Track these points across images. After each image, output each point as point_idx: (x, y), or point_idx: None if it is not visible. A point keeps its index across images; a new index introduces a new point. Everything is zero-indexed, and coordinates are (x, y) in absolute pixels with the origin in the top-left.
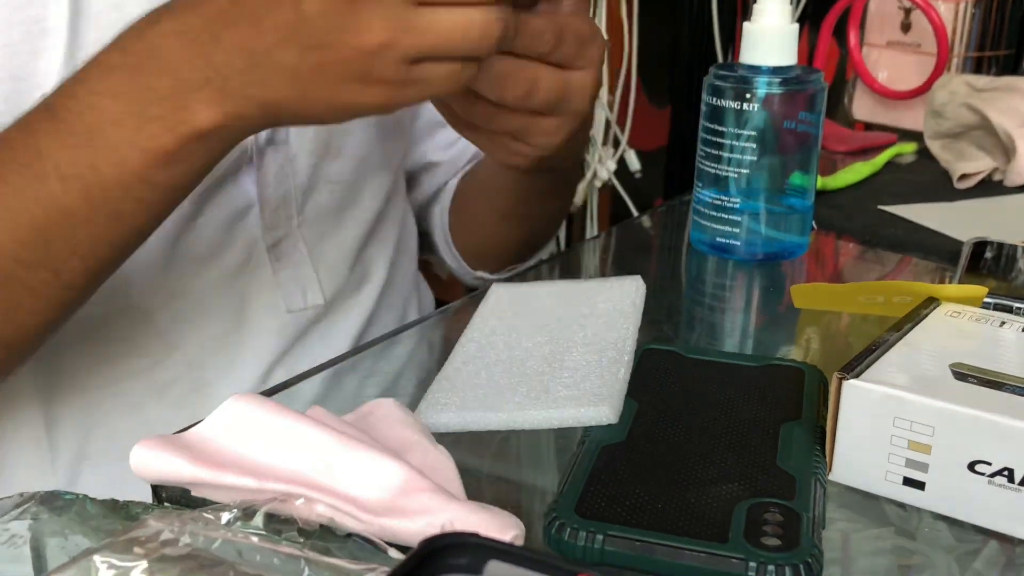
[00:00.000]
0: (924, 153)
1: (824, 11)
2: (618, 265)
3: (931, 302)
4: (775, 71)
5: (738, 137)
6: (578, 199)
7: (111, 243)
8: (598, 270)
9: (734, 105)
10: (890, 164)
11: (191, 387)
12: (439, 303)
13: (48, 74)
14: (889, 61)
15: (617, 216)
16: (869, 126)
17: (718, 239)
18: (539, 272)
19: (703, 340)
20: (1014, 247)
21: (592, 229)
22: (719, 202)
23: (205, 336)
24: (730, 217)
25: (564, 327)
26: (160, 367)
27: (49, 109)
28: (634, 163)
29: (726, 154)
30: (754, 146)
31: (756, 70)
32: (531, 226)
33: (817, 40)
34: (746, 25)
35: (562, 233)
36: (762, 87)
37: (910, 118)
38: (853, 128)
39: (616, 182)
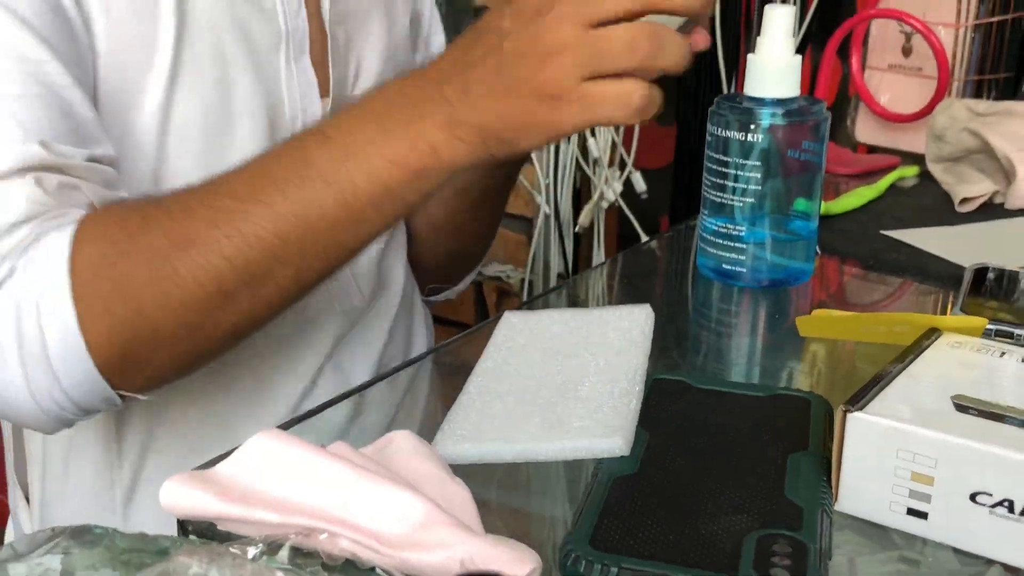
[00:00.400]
0: (926, 176)
1: (828, 30)
2: (626, 291)
3: (933, 332)
4: (779, 103)
5: (743, 167)
6: (584, 221)
7: (345, 248)
8: (606, 297)
9: (739, 136)
10: (893, 187)
11: (254, 382)
12: (443, 321)
13: (154, 90)
14: (891, 84)
15: (624, 237)
16: (872, 148)
17: (724, 266)
18: (547, 300)
19: (712, 367)
20: (1015, 272)
21: (599, 250)
22: (725, 229)
23: (268, 334)
24: (735, 244)
25: (576, 356)
26: (226, 362)
27: (319, 131)
28: (640, 184)
29: (731, 183)
30: (758, 176)
31: (760, 102)
32: (460, 242)
33: (820, 62)
34: (750, 57)
35: (569, 255)
36: (766, 119)
37: (912, 141)
38: (856, 150)
39: (623, 203)
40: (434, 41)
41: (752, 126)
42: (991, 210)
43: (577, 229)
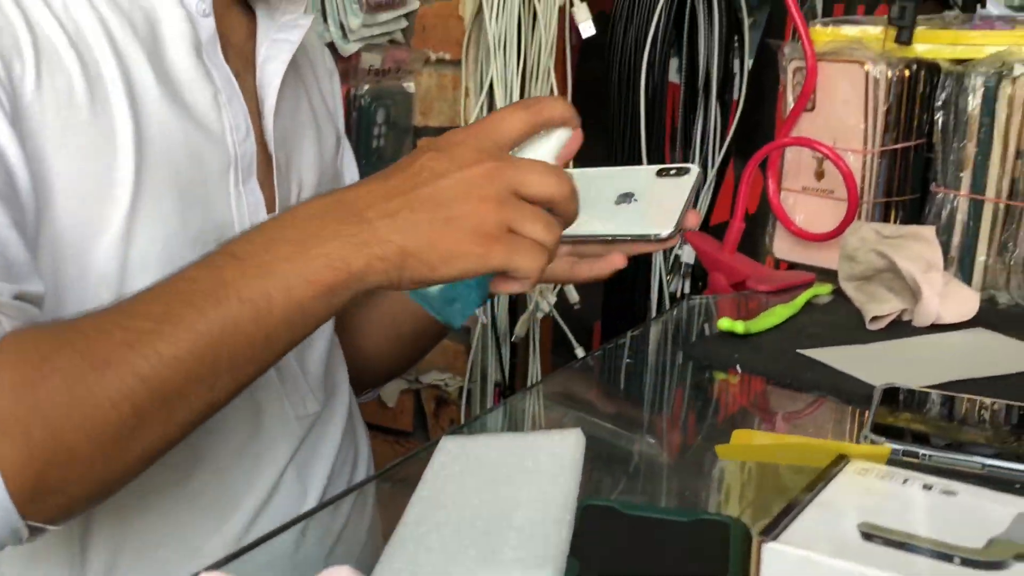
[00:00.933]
0: (839, 293)
1: (747, 149)
2: (559, 413)
3: (841, 459)
4: None
5: None
6: (520, 331)
7: (256, 364)
8: (541, 416)
9: None
10: (808, 304)
11: (216, 494)
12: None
13: (114, 223)
14: (805, 205)
15: (557, 345)
16: (789, 264)
17: None
18: (485, 422)
19: (639, 489)
20: (920, 392)
21: (535, 359)
22: None
23: (229, 446)
24: None
25: (510, 483)
26: (189, 478)
27: (231, 252)
28: (573, 295)
29: None
30: None
31: None
32: (408, 356)
33: (740, 183)
34: None
35: (506, 363)
36: None
37: (826, 258)
38: (776, 266)
39: (556, 314)
40: (347, 168)
41: None
42: (900, 327)
43: (513, 339)
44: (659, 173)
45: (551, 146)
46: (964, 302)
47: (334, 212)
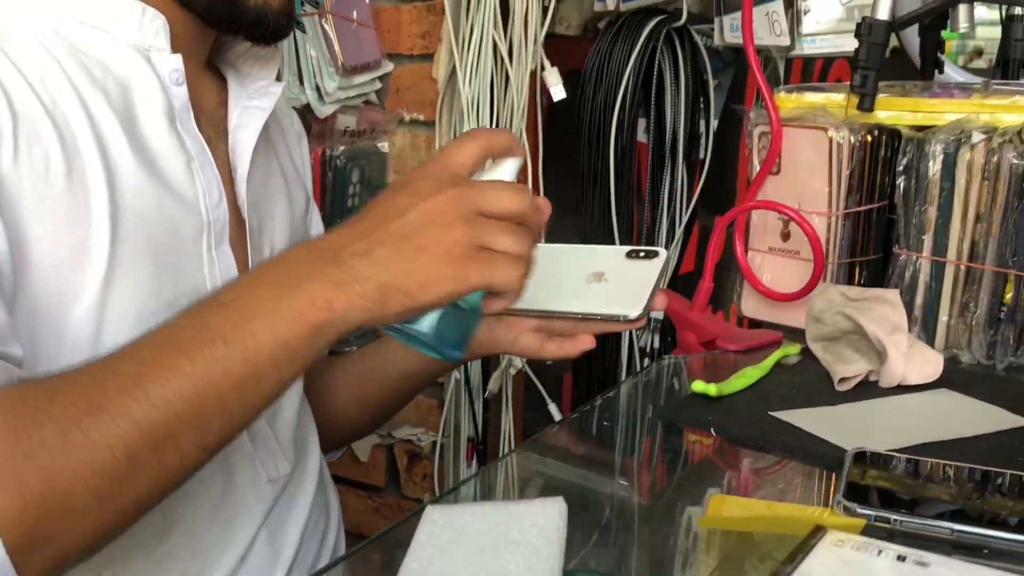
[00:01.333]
0: (808, 352)
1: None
2: (539, 477)
3: (819, 530)
4: None
5: None
6: (493, 387)
7: (245, 407)
8: (521, 484)
9: None
10: (778, 365)
11: (189, 556)
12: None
13: (89, 290)
14: (772, 265)
15: (530, 400)
16: (758, 323)
17: None
18: (469, 488)
19: (620, 559)
20: (889, 456)
21: (507, 414)
22: None
23: (202, 509)
24: None
25: (496, 555)
26: (161, 542)
27: (215, 299)
28: None
29: None
30: None
31: None
32: (374, 419)
33: (708, 244)
34: None
35: (479, 418)
36: None
37: (793, 317)
38: (741, 324)
39: (528, 370)
40: (314, 228)
41: None
42: (867, 388)
43: (487, 394)
44: (629, 255)
45: (507, 171)
46: (928, 363)
47: (311, 257)
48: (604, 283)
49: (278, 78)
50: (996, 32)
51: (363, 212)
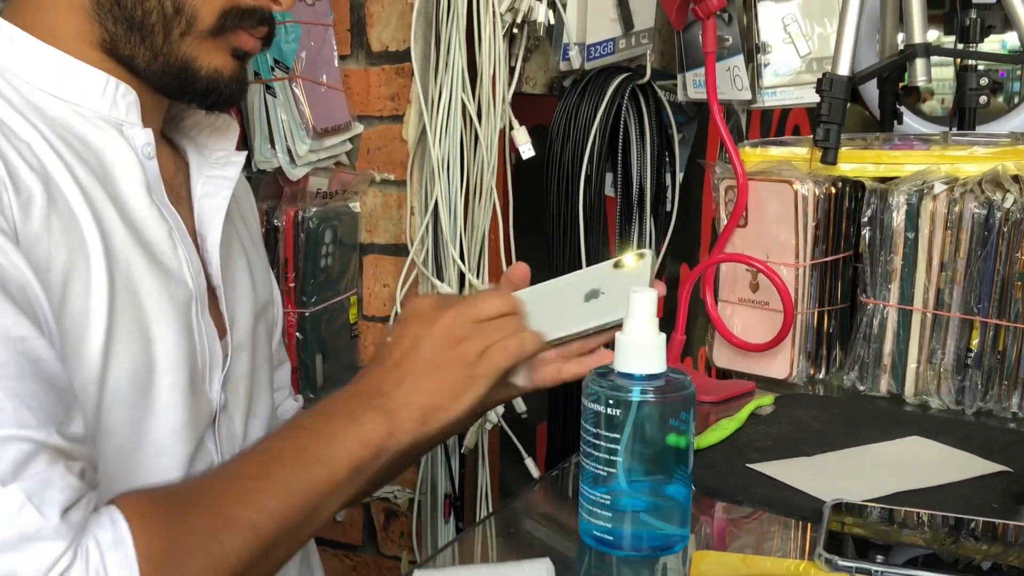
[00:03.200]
0: (781, 402)
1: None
2: (521, 538)
3: None
4: (648, 378)
5: (614, 440)
6: (470, 442)
7: (324, 516)
8: (503, 545)
9: (611, 411)
10: (753, 416)
11: None
12: (331, 543)
13: (90, 359)
14: (742, 316)
15: (506, 454)
16: (729, 373)
17: (603, 535)
18: (454, 551)
19: None
20: (864, 506)
21: (484, 469)
22: (602, 499)
23: None
24: (613, 514)
25: None
26: None
27: (303, 426)
28: (520, 406)
29: (605, 455)
30: (632, 447)
31: (630, 377)
32: (368, 490)
33: (679, 297)
34: (618, 336)
35: (456, 474)
36: (636, 394)
37: (765, 366)
38: (710, 373)
39: (504, 424)
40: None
41: (624, 401)
42: (842, 438)
43: (463, 450)
44: (615, 265)
45: (647, 306)
46: None
47: (362, 395)
48: (602, 296)
49: (237, 147)
50: (947, 72)
51: (386, 350)
